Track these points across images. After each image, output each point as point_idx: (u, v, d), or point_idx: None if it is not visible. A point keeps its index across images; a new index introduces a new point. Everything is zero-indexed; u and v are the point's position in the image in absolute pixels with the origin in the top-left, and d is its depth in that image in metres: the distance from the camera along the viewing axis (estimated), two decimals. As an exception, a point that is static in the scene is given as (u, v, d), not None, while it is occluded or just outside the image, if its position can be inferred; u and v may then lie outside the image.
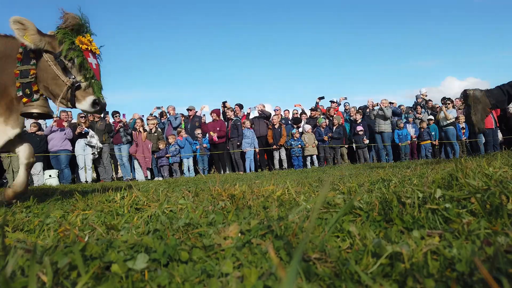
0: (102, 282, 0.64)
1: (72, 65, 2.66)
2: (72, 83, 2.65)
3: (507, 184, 1.03)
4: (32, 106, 2.77)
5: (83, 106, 2.68)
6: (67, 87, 2.67)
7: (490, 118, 10.57)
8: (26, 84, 2.72)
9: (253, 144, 10.07)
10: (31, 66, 2.68)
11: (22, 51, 2.70)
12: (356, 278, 0.64)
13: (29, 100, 2.75)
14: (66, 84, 2.66)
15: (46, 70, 2.72)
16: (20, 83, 2.71)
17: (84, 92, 2.70)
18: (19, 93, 2.73)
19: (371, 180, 2.23)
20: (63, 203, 2.26)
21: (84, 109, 2.70)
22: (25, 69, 2.68)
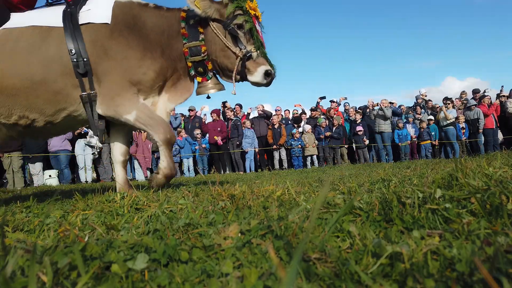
0: (102, 282, 0.64)
1: (242, 33, 2.42)
2: (244, 54, 2.40)
3: (507, 184, 1.03)
4: (208, 86, 2.56)
5: (255, 78, 2.45)
6: (239, 59, 2.42)
7: (490, 118, 10.57)
8: (199, 62, 2.48)
9: (254, 144, 10.07)
10: (200, 42, 2.45)
11: (184, 26, 2.47)
12: (356, 278, 0.64)
13: (204, 79, 2.54)
14: (238, 56, 2.41)
15: (214, 42, 2.46)
16: (192, 62, 2.49)
17: (255, 63, 2.45)
18: (192, 72, 2.53)
19: (371, 180, 2.23)
20: (63, 203, 2.26)
21: (256, 81, 2.47)
22: (195, 45, 2.46)
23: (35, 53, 2.47)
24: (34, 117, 2.60)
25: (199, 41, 2.44)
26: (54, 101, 2.52)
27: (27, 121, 2.61)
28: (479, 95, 11.28)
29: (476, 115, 10.58)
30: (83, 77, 2.43)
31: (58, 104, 2.54)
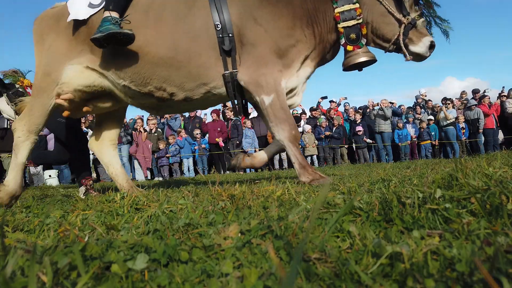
0: (102, 282, 0.64)
1: None
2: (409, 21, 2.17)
3: (507, 184, 1.03)
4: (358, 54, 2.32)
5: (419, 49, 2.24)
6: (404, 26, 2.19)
7: (491, 118, 10.57)
8: (352, 27, 2.25)
9: (254, 144, 10.08)
10: (355, 5, 2.23)
11: None
12: (356, 278, 0.64)
13: (356, 47, 2.31)
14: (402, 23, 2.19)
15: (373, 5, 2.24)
16: (344, 28, 2.26)
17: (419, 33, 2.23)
18: (342, 40, 2.31)
19: (371, 180, 2.23)
20: (63, 203, 2.26)
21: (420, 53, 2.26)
22: (348, 9, 2.24)
23: (181, 23, 2.33)
24: (172, 91, 2.44)
25: (353, 3, 2.23)
26: (196, 75, 2.37)
27: (163, 94, 2.46)
28: (479, 95, 11.29)
29: (476, 115, 10.58)
30: (226, 54, 2.31)
31: (199, 78, 2.39)
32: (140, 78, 2.41)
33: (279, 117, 2.32)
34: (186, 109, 2.79)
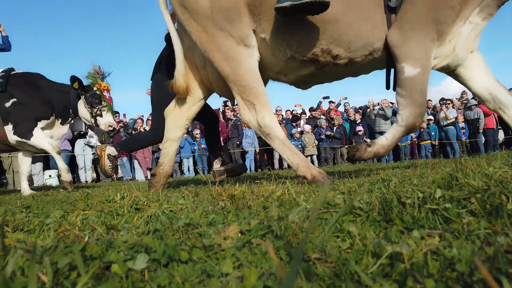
0: (102, 282, 0.64)
1: None
2: None
3: (507, 184, 1.03)
4: None
5: None
6: None
7: (491, 117, 10.57)
8: None
9: (254, 144, 10.08)
10: None
11: None
12: (356, 278, 0.64)
13: None
14: None
15: None
16: None
17: None
18: None
19: (371, 180, 2.23)
20: (63, 203, 2.26)
21: None
22: None
23: None
24: (338, 53, 2.25)
25: None
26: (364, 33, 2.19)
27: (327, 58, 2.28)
28: (478, 95, 11.27)
29: (477, 115, 10.58)
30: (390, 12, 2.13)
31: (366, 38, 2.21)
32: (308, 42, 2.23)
33: (414, 99, 2.16)
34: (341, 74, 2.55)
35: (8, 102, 4.61)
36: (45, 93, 4.74)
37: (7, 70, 4.86)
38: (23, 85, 4.70)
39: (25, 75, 4.89)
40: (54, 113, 4.82)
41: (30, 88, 4.73)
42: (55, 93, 4.80)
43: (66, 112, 4.92)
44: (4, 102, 4.61)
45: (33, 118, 4.65)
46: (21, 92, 4.65)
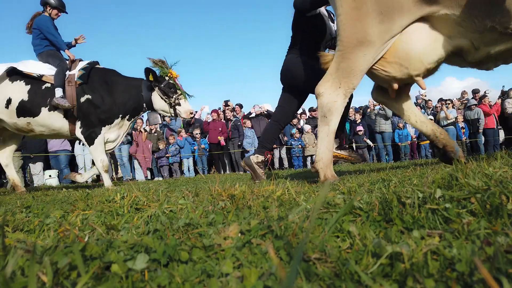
0: (102, 282, 0.64)
1: None
2: None
3: (507, 184, 1.03)
4: None
5: None
6: None
7: (492, 117, 10.57)
8: None
9: (254, 144, 10.08)
10: None
11: None
12: (356, 278, 0.64)
13: None
14: None
15: None
16: None
17: None
18: None
19: (371, 180, 2.23)
20: (63, 203, 2.26)
21: None
22: None
23: None
24: None
25: None
26: None
27: None
28: (479, 95, 11.29)
29: (477, 115, 10.58)
30: None
31: None
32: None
33: None
34: None
35: (83, 97, 4.51)
36: (118, 94, 4.62)
37: (91, 63, 4.74)
38: (98, 83, 4.61)
39: (103, 72, 4.74)
40: (123, 113, 4.72)
41: (104, 88, 4.59)
42: (127, 91, 4.68)
43: (137, 109, 4.79)
44: (80, 97, 4.50)
45: (100, 123, 4.58)
46: (95, 91, 4.55)
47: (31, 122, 4.49)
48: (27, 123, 4.50)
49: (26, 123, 4.49)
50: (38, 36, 4.80)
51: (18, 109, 4.42)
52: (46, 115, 4.47)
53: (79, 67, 4.63)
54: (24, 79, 4.49)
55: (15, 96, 4.43)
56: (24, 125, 4.52)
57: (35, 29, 4.81)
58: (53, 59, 4.70)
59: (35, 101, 4.43)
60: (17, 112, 4.44)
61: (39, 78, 4.49)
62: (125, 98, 4.67)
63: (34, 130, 4.59)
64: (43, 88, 4.49)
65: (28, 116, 4.46)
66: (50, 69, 4.59)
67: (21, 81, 4.49)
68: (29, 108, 4.42)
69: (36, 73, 4.48)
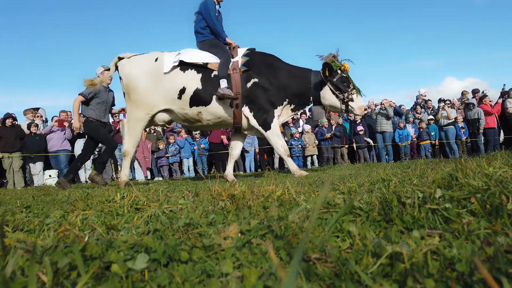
0: (102, 282, 0.64)
1: None
2: None
3: (507, 184, 1.03)
4: None
5: None
6: None
7: (492, 117, 10.56)
8: None
9: (254, 144, 10.07)
10: None
11: None
12: (356, 278, 0.64)
13: None
14: None
15: None
16: None
17: None
18: None
19: (371, 180, 2.22)
20: (63, 203, 2.26)
21: None
22: None
23: None
24: None
25: None
26: None
27: None
28: (478, 95, 11.28)
29: (477, 115, 10.58)
30: None
31: None
32: None
33: None
34: None
35: (249, 83, 4.32)
36: (282, 77, 4.40)
37: (251, 49, 4.58)
38: (262, 67, 4.43)
39: (264, 55, 4.56)
40: (290, 98, 4.47)
41: (269, 70, 4.40)
42: (292, 77, 4.46)
43: (303, 99, 4.57)
44: (246, 82, 4.32)
45: (271, 106, 4.37)
46: (261, 74, 4.36)
47: (202, 111, 4.35)
48: (198, 113, 4.36)
49: (197, 112, 4.35)
50: (200, 23, 4.65)
51: (192, 98, 4.28)
52: (216, 103, 4.32)
53: (240, 54, 4.47)
54: (194, 67, 4.36)
55: (190, 85, 4.29)
56: (194, 115, 4.37)
57: (198, 13, 4.67)
58: (216, 49, 4.52)
59: (207, 89, 4.29)
60: (191, 101, 4.30)
61: (205, 66, 4.35)
62: (291, 83, 4.45)
63: (202, 120, 4.45)
64: (212, 76, 4.34)
65: (201, 105, 4.33)
66: (212, 57, 4.44)
67: (192, 69, 4.36)
68: (202, 97, 4.28)
69: (201, 62, 4.35)
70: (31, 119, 8.98)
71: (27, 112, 9.14)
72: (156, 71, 4.37)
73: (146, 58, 4.49)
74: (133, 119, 4.44)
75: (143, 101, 4.37)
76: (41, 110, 9.83)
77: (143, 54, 4.60)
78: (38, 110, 9.66)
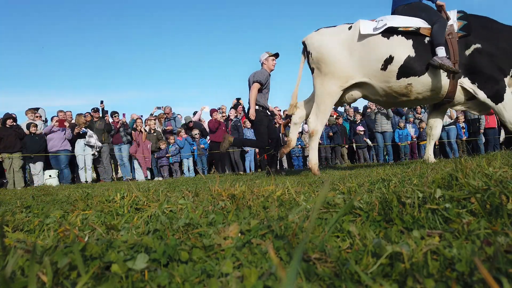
0: (102, 282, 0.64)
1: None
2: None
3: (507, 184, 1.03)
4: None
5: None
6: None
7: (493, 117, 10.56)
8: None
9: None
10: None
11: None
12: (356, 278, 0.64)
13: None
14: None
15: None
16: None
17: None
18: None
19: (371, 180, 2.22)
20: (63, 203, 2.26)
21: None
22: None
23: None
24: None
25: None
26: None
27: None
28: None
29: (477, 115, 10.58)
30: None
31: None
32: None
33: None
34: None
35: (468, 50, 3.77)
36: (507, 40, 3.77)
37: (461, 11, 3.99)
38: (482, 29, 3.84)
39: (479, 18, 3.97)
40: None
41: (491, 34, 3.81)
42: None
43: None
44: (465, 50, 3.77)
45: (500, 73, 3.73)
46: (483, 38, 3.78)
47: (412, 83, 3.82)
48: (408, 85, 3.84)
49: (406, 85, 3.84)
50: None
51: (402, 68, 3.77)
52: (431, 74, 3.79)
53: (453, 17, 3.93)
54: (401, 34, 3.84)
55: (399, 53, 3.78)
56: (401, 88, 3.88)
57: None
58: (427, 13, 3.95)
59: (420, 58, 3.75)
60: (399, 72, 3.78)
61: (416, 32, 3.81)
62: None
63: (410, 94, 3.93)
64: (425, 43, 3.80)
65: (412, 76, 3.79)
66: (422, 22, 3.90)
67: (398, 36, 3.84)
68: (414, 66, 3.76)
69: (414, 26, 3.82)
70: (31, 119, 8.99)
71: (28, 112, 9.16)
72: (351, 40, 3.99)
73: (338, 28, 4.16)
74: (323, 93, 4.06)
75: (336, 73, 3.98)
76: (41, 110, 9.84)
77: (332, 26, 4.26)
78: (38, 110, 9.67)
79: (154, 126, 10.13)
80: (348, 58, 3.96)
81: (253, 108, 5.15)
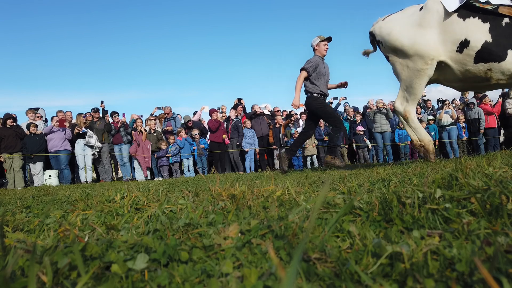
0: (102, 282, 0.64)
1: None
2: None
3: (507, 184, 1.03)
4: None
5: None
6: None
7: (493, 117, 10.56)
8: None
9: (254, 144, 10.07)
10: None
11: None
12: (356, 278, 0.64)
13: None
14: None
15: None
16: None
17: None
18: None
19: (371, 180, 2.22)
20: (63, 203, 2.26)
21: None
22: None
23: None
24: None
25: None
26: None
27: None
28: (479, 95, 11.28)
29: (477, 115, 10.58)
30: None
31: None
32: None
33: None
34: None
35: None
36: None
37: None
38: None
39: None
40: None
41: None
42: None
43: None
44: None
45: None
46: None
47: (492, 68, 3.60)
48: (487, 70, 3.63)
49: (486, 69, 3.64)
50: None
51: (480, 52, 3.57)
52: None
53: None
54: (478, 14, 3.60)
55: (475, 36, 3.57)
56: (481, 72, 3.68)
57: None
58: None
59: (500, 42, 3.51)
60: (477, 56, 3.59)
61: (494, 12, 3.56)
62: None
63: (490, 79, 3.72)
64: (503, 25, 3.53)
65: (492, 61, 3.57)
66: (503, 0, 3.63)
67: (475, 17, 3.60)
68: (494, 51, 3.53)
69: (492, 5, 3.54)
70: (31, 119, 8.99)
71: (28, 112, 9.16)
72: (422, 20, 3.81)
73: (405, 12, 4.03)
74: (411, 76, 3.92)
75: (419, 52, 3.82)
76: (41, 110, 9.84)
77: None
78: (38, 110, 9.67)
79: (154, 126, 10.13)
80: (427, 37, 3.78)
81: (298, 96, 5.02)
